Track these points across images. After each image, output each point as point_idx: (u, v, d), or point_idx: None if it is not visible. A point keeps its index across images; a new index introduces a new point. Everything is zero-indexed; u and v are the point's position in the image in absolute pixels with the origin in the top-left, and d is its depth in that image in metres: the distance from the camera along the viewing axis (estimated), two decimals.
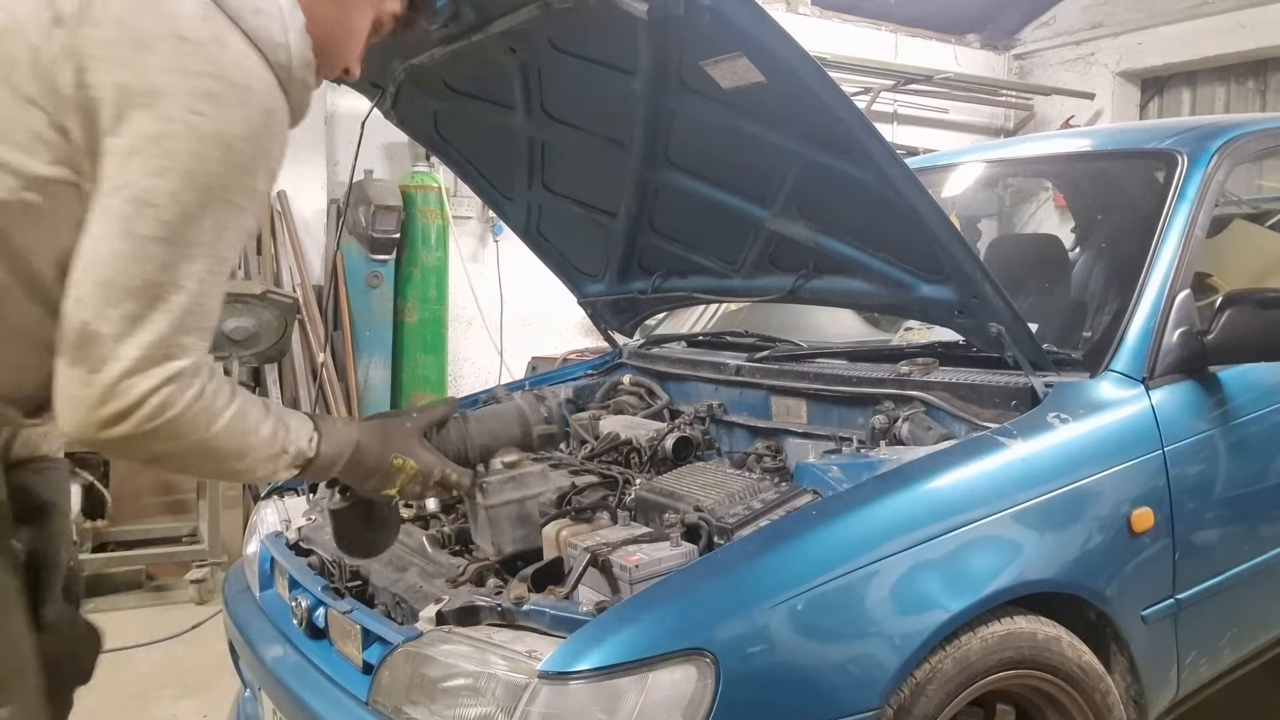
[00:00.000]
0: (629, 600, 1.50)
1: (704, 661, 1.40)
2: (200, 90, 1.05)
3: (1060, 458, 1.78)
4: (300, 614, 1.87)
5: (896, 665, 1.52)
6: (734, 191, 2.24)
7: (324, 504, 2.23)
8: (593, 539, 1.70)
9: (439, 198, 5.48)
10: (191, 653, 3.51)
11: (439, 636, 1.56)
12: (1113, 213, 2.83)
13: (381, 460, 1.42)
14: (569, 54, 2.10)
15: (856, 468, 1.78)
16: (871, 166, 1.82)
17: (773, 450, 2.22)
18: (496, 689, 1.44)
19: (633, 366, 2.82)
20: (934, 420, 1.96)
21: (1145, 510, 1.84)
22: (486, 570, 1.79)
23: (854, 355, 2.35)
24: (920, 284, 2.06)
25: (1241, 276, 2.73)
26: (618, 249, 2.65)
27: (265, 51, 1.10)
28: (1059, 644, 1.71)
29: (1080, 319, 2.38)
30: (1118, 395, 1.91)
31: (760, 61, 1.74)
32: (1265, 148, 2.43)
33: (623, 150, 2.29)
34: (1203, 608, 1.97)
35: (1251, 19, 6.70)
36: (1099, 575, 1.79)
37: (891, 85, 7.10)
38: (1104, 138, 2.92)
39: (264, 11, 1.11)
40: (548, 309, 6.15)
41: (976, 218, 5.28)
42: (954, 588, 1.60)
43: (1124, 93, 7.66)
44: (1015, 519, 1.69)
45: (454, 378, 5.90)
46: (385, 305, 5.38)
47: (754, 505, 1.72)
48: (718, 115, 2.02)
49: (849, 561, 1.53)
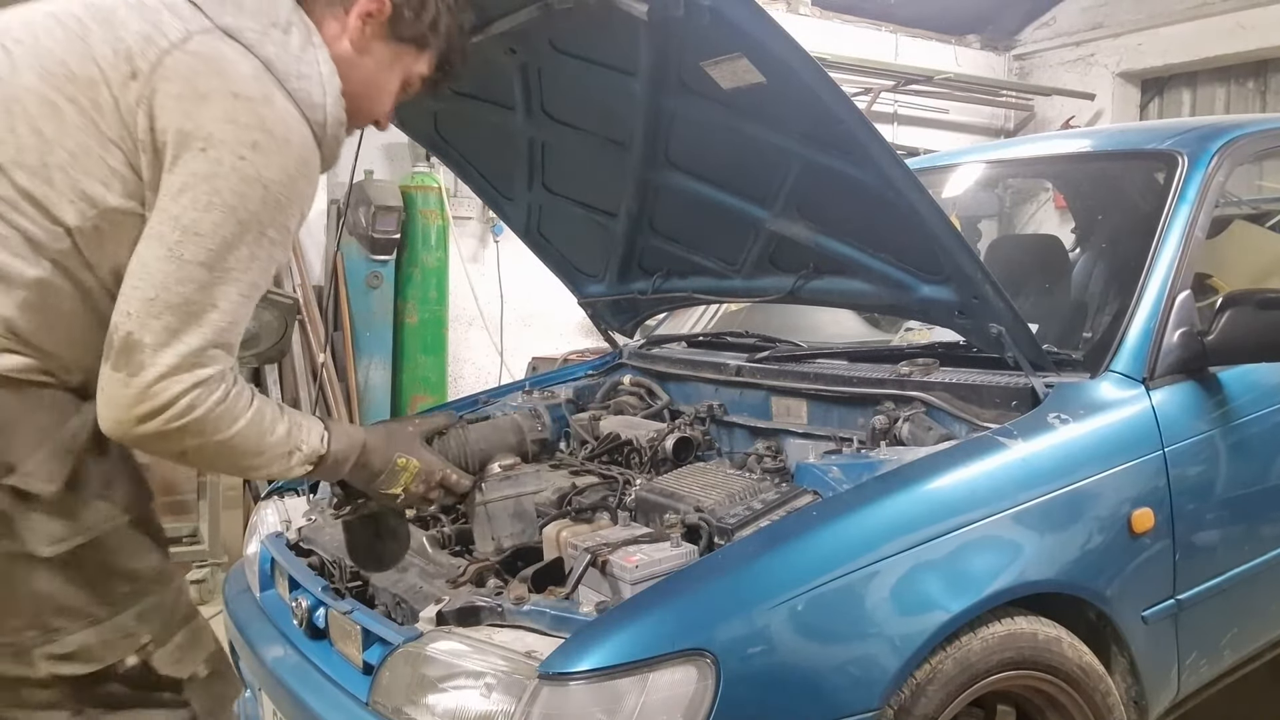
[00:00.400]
0: (629, 601, 1.51)
1: (704, 662, 1.40)
2: (247, 140, 1.23)
3: (1061, 458, 1.78)
4: (300, 614, 1.87)
5: (897, 666, 1.52)
6: (734, 192, 2.24)
7: (324, 505, 2.24)
8: (593, 539, 1.70)
9: (439, 198, 5.47)
10: None
11: (439, 637, 1.56)
12: (1113, 213, 2.83)
13: (387, 460, 1.55)
14: (569, 55, 2.10)
15: (857, 468, 1.78)
16: (872, 167, 1.82)
17: (773, 451, 2.22)
18: (497, 690, 1.44)
19: (633, 367, 2.82)
20: (934, 421, 1.96)
21: (1146, 511, 1.84)
22: (487, 571, 1.79)
23: (854, 356, 2.35)
24: (921, 284, 2.06)
25: (1242, 277, 2.73)
26: (618, 249, 2.65)
27: (305, 111, 1.29)
28: (1059, 645, 1.71)
29: (1080, 319, 2.38)
30: (1118, 396, 1.91)
31: (760, 62, 1.74)
32: (1265, 148, 2.43)
33: (623, 151, 2.29)
34: (1203, 608, 1.97)
35: (1252, 19, 6.70)
36: (1099, 576, 1.79)
37: (892, 86, 7.10)
38: (1104, 138, 2.92)
39: (306, 76, 1.30)
40: (548, 309, 6.14)
41: (977, 218, 5.28)
42: (954, 588, 1.60)
43: (1124, 93, 7.66)
44: (1016, 519, 1.69)
45: (454, 378, 5.89)
46: (385, 306, 5.38)
47: (754, 506, 1.72)
48: (718, 116, 2.02)
49: (849, 562, 1.53)
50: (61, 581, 1.25)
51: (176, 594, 1.39)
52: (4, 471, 1.20)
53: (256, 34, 1.29)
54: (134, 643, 1.31)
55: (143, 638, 1.31)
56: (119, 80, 1.22)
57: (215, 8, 1.29)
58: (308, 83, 1.30)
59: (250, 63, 1.26)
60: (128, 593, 1.31)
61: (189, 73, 1.23)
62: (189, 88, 1.23)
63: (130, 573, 1.32)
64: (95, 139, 1.22)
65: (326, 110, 1.32)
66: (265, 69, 1.27)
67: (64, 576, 1.25)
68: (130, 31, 1.25)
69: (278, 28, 1.31)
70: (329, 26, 1.40)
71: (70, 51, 1.24)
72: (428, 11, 1.46)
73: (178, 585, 1.40)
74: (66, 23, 1.26)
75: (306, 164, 1.30)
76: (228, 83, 1.24)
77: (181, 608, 1.39)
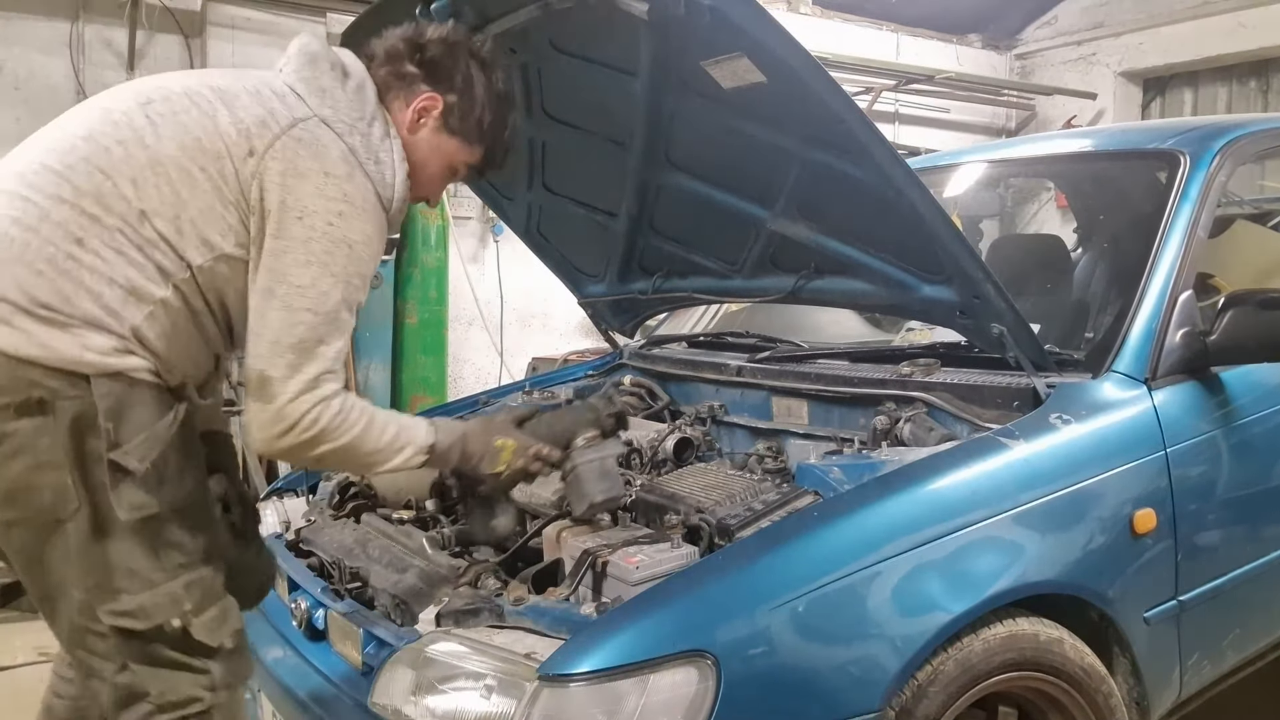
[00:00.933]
0: (629, 602, 1.50)
1: (705, 663, 1.40)
2: (335, 210, 1.53)
3: (1062, 459, 1.78)
4: (300, 616, 1.87)
5: (898, 667, 1.51)
6: (735, 192, 2.24)
7: (323, 506, 2.24)
8: (594, 540, 1.70)
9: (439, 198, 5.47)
10: None
11: (439, 638, 1.56)
12: (1115, 213, 2.82)
13: (487, 444, 1.78)
14: (569, 54, 2.10)
15: (858, 469, 1.78)
16: (873, 167, 1.82)
17: (774, 451, 2.21)
18: (497, 691, 1.44)
19: (633, 367, 2.82)
20: (936, 421, 1.96)
21: (1148, 511, 1.84)
22: (486, 572, 1.79)
23: (855, 356, 2.34)
24: (922, 284, 2.06)
25: (1244, 277, 2.72)
26: (618, 249, 2.64)
27: (378, 188, 1.61)
28: (1061, 645, 1.70)
29: (1082, 319, 2.37)
30: (1120, 396, 1.90)
31: (761, 62, 1.74)
32: (1267, 148, 2.43)
33: (623, 151, 2.29)
34: (1205, 609, 1.96)
35: (1253, 19, 6.69)
36: (1101, 576, 1.78)
37: (893, 85, 7.10)
38: (1106, 138, 2.92)
39: (383, 163, 1.62)
40: (548, 310, 6.14)
41: (978, 218, 5.28)
42: (956, 589, 1.59)
43: (1126, 93, 7.66)
44: (1017, 520, 1.69)
45: (454, 379, 5.89)
46: (385, 306, 5.36)
47: (755, 506, 1.72)
48: (718, 115, 2.02)
49: (850, 563, 1.53)
50: (131, 546, 1.49)
51: (214, 573, 1.60)
52: (111, 446, 1.45)
53: (346, 125, 1.59)
54: (179, 608, 1.53)
55: (186, 604, 1.54)
56: (240, 156, 1.52)
57: (316, 100, 1.58)
58: (383, 167, 1.62)
59: (339, 147, 1.56)
60: (180, 564, 1.54)
61: (292, 155, 1.53)
62: (291, 166, 1.53)
63: (184, 547, 1.55)
64: (219, 200, 1.52)
65: (394, 189, 1.64)
66: (351, 153, 1.57)
67: (134, 542, 1.49)
68: (250, 115, 1.54)
69: (364, 120, 1.61)
70: (394, 116, 1.68)
71: (203, 129, 1.53)
72: (474, 111, 1.71)
73: (216, 565, 1.61)
74: (199, 103, 1.55)
75: (380, 228, 1.61)
76: (321, 164, 1.54)
77: (218, 585, 1.61)
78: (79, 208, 1.47)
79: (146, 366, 1.50)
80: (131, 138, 1.52)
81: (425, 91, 1.68)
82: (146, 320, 1.50)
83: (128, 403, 1.48)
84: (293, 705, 1.78)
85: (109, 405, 1.45)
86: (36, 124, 1.67)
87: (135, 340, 1.49)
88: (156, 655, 1.54)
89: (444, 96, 1.68)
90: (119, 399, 1.46)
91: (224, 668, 1.58)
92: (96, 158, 1.49)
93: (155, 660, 1.54)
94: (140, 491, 1.48)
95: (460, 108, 1.70)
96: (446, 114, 1.69)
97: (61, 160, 1.50)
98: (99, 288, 1.46)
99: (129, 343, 1.48)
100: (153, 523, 1.50)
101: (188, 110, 1.55)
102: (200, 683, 1.56)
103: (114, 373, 1.47)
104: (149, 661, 1.54)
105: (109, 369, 1.46)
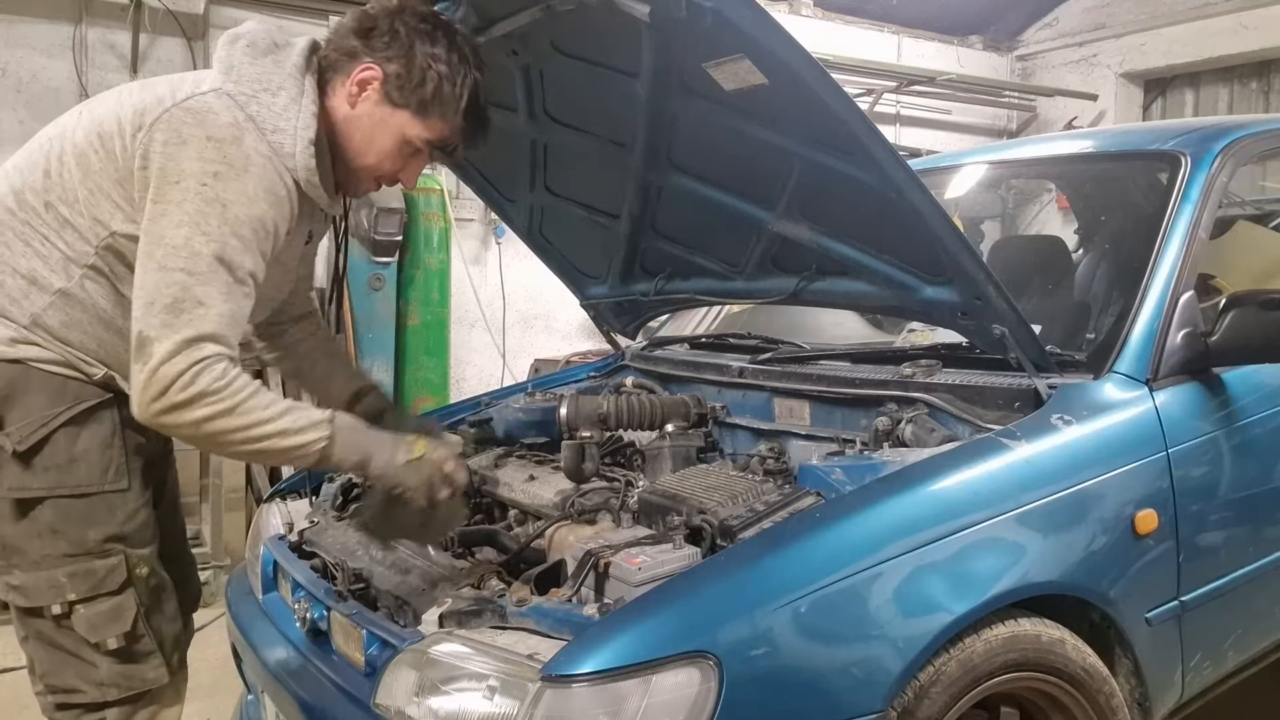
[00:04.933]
0: (632, 603, 1.50)
1: (707, 664, 1.40)
2: (210, 170, 1.51)
3: (1064, 460, 1.78)
4: (303, 617, 1.87)
5: (900, 668, 1.52)
6: (736, 193, 2.24)
7: (327, 507, 2.24)
8: (596, 541, 1.70)
9: (441, 200, 5.47)
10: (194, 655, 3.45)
11: (442, 639, 1.56)
12: (1116, 214, 2.82)
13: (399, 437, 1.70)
14: (571, 56, 2.10)
15: (860, 470, 1.78)
16: (874, 168, 1.82)
17: (776, 452, 2.21)
18: (499, 692, 1.44)
19: (635, 369, 2.82)
20: (937, 422, 1.96)
21: (1149, 512, 1.84)
22: (489, 572, 1.79)
23: (857, 357, 2.34)
24: (923, 285, 2.06)
25: (1245, 278, 2.72)
26: (620, 251, 2.65)
27: (279, 155, 1.57)
28: (1063, 646, 1.71)
29: (1084, 320, 2.37)
30: (1121, 397, 1.91)
31: (762, 63, 1.74)
32: (1269, 149, 2.42)
33: (625, 152, 2.29)
34: (1207, 610, 1.96)
35: (1254, 19, 6.69)
36: (1103, 577, 1.78)
37: (894, 87, 7.10)
38: (1107, 139, 2.91)
39: (281, 130, 1.58)
40: (550, 311, 6.15)
41: (979, 219, 5.26)
42: (958, 590, 1.59)
43: (1127, 94, 7.65)
44: (1019, 521, 1.69)
45: (456, 380, 5.89)
46: (388, 308, 5.37)
47: (757, 507, 1.72)
48: (720, 117, 2.02)
49: (852, 564, 1.53)
50: (15, 525, 1.60)
51: (112, 570, 1.64)
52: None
53: (247, 95, 1.57)
54: (60, 595, 1.60)
55: (68, 593, 1.61)
56: (130, 132, 1.54)
57: (222, 76, 1.58)
58: (281, 135, 1.58)
59: (231, 115, 1.55)
60: (66, 553, 1.60)
61: (178, 124, 1.53)
62: (175, 134, 1.52)
63: (73, 538, 1.61)
64: (108, 179, 1.55)
65: (297, 159, 1.59)
66: (248, 120, 1.55)
67: (19, 522, 1.59)
68: (152, 95, 1.57)
69: (268, 90, 1.58)
70: (337, 90, 1.65)
71: (107, 113, 1.58)
72: (427, 84, 1.63)
73: (119, 565, 1.65)
74: (121, 93, 1.61)
75: (270, 191, 1.55)
76: (205, 129, 1.53)
77: (113, 583, 1.64)
78: (3, 205, 1.60)
79: (49, 356, 1.59)
80: (58, 134, 1.62)
81: (365, 62, 1.62)
82: (48, 310, 1.58)
83: (20, 389, 1.58)
84: (295, 706, 1.78)
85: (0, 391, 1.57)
86: (39, 126, 1.71)
87: (37, 329, 1.58)
88: (45, 636, 1.64)
89: (383, 66, 1.62)
90: (11, 384, 1.58)
91: (112, 668, 1.64)
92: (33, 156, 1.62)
93: (45, 640, 1.64)
94: (19, 473, 1.58)
95: (402, 77, 1.62)
96: (386, 84, 1.63)
97: (13, 163, 1.64)
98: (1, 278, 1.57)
99: (29, 332, 1.58)
100: (32, 505, 1.59)
101: (105, 101, 1.62)
102: (85, 675, 1.63)
103: (11, 360, 1.57)
104: (40, 640, 1.64)
105: (5, 356, 1.57)
